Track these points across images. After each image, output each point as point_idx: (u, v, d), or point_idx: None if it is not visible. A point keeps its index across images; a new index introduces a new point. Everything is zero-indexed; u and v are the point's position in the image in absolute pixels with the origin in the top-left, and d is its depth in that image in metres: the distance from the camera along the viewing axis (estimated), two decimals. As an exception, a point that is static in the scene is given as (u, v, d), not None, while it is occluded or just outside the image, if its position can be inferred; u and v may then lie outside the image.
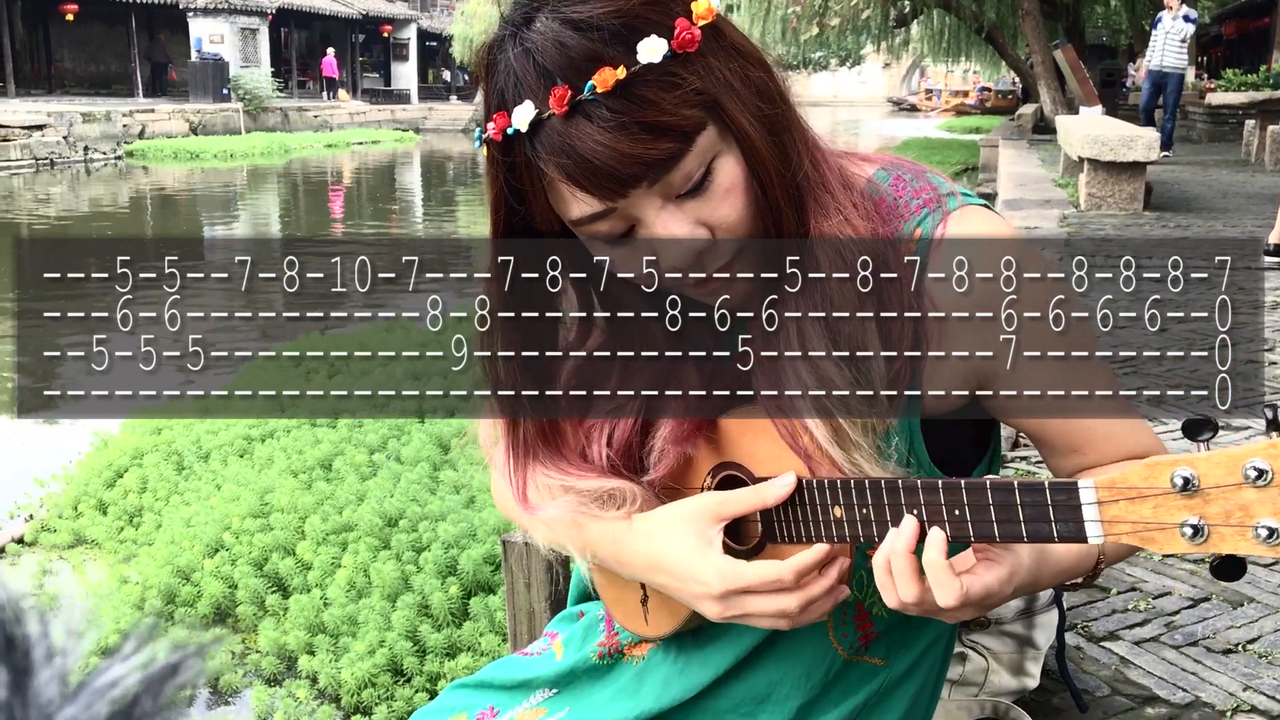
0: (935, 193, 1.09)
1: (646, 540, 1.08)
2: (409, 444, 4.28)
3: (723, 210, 0.99)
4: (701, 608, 1.05)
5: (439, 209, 18.73)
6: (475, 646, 3.17)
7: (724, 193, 0.99)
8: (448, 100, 43.84)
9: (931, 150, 20.25)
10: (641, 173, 0.94)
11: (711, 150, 0.97)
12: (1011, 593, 0.96)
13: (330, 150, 28.27)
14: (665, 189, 0.97)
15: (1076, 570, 1.03)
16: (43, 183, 19.88)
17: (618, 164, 0.93)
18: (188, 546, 3.77)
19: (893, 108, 60.40)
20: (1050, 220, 8.16)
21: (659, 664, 1.22)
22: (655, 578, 1.08)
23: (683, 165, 0.96)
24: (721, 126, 0.97)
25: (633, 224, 0.99)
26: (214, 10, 32.16)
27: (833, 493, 1.00)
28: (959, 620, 0.97)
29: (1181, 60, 14.92)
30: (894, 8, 23.93)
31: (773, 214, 1.01)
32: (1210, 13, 28.73)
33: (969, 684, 1.96)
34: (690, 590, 1.04)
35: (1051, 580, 1.01)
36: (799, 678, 1.17)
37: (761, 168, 1.00)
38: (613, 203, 0.97)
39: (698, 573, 1.03)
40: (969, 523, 0.92)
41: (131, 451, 4.72)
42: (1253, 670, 2.27)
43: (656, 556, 1.07)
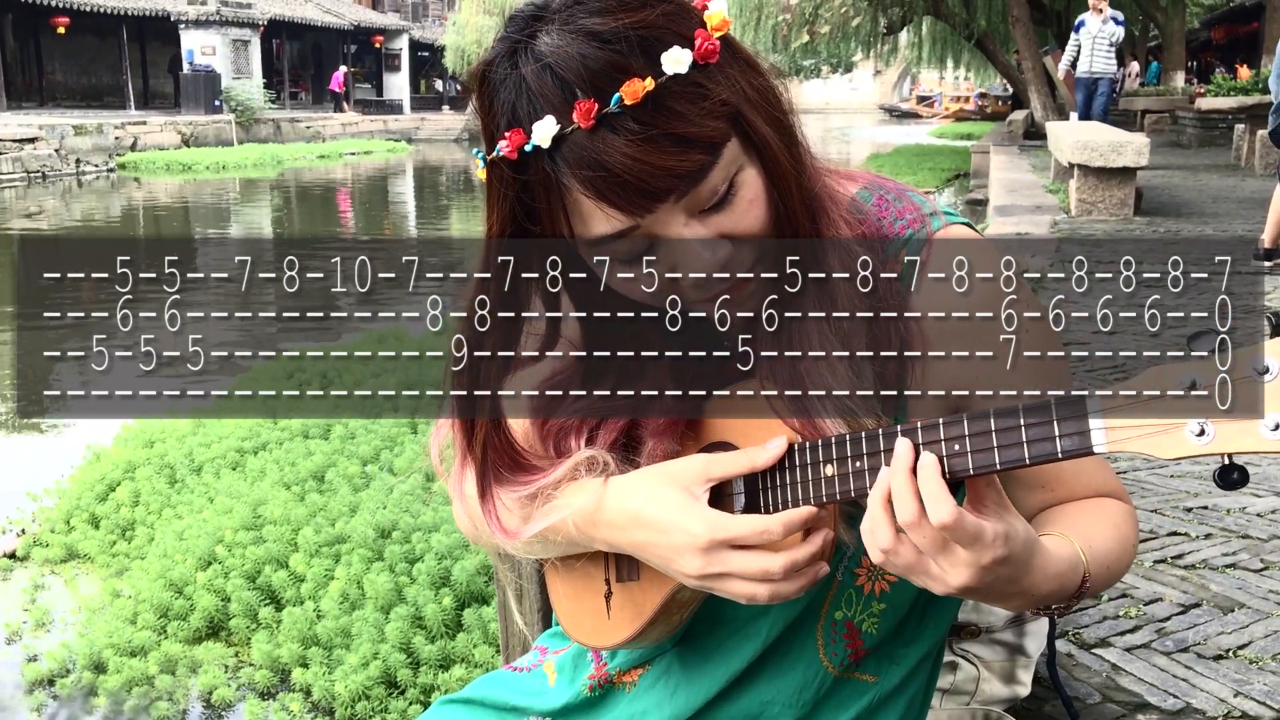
0: (919, 213, 1.10)
1: (627, 495, 1.04)
2: (401, 455, 4.28)
3: (746, 222, 0.98)
4: (683, 562, 1.00)
5: (434, 219, 18.72)
6: (469, 658, 3.16)
7: (747, 204, 0.98)
8: (440, 110, 43.85)
9: (923, 157, 20.31)
10: (671, 185, 0.93)
11: (735, 162, 0.96)
12: (1004, 557, 0.89)
13: (323, 161, 28.27)
14: (691, 203, 0.95)
15: (1066, 576, 0.99)
16: (34, 196, 19.86)
17: (648, 177, 0.91)
18: (180, 560, 3.76)
19: (885, 115, 60.52)
20: (1041, 226, 8.18)
21: (650, 688, 1.21)
22: (634, 534, 1.03)
23: (710, 178, 0.95)
24: (743, 138, 0.97)
25: (652, 241, 0.98)
26: (206, 22, 32.20)
27: (825, 451, 0.98)
28: (949, 592, 0.91)
29: (1111, 64, 14.98)
30: (884, 15, 24.01)
31: (790, 224, 1.00)
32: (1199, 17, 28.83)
33: (960, 693, 1.97)
34: (673, 541, 0.99)
35: (1041, 579, 0.96)
36: (790, 696, 1.16)
37: (781, 179, 0.99)
38: (639, 218, 0.94)
39: (684, 522, 0.99)
40: (969, 454, 0.88)
41: (124, 465, 4.71)
42: (1244, 676, 2.27)
43: (637, 510, 1.02)
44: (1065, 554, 0.99)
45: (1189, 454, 0.81)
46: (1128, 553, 1.09)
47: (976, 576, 0.89)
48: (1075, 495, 1.11)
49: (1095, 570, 1.02)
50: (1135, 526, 1.12)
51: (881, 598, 1.15)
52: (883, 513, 0.90)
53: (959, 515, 0.86)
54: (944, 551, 0.89)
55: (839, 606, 1.14)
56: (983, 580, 0.89)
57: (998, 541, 0.88)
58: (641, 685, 1.22)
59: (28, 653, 3.60)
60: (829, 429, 0.99)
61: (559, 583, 1.20)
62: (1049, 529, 1.03)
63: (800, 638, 1.15)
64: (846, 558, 1.12)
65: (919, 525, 0.88)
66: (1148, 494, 3.24)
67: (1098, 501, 1.12)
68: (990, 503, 0.90)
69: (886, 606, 1.15)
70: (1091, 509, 1.10)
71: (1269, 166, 12.75)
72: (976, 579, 0.89)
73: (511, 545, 1.11)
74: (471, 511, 1.13)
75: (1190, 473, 3.47)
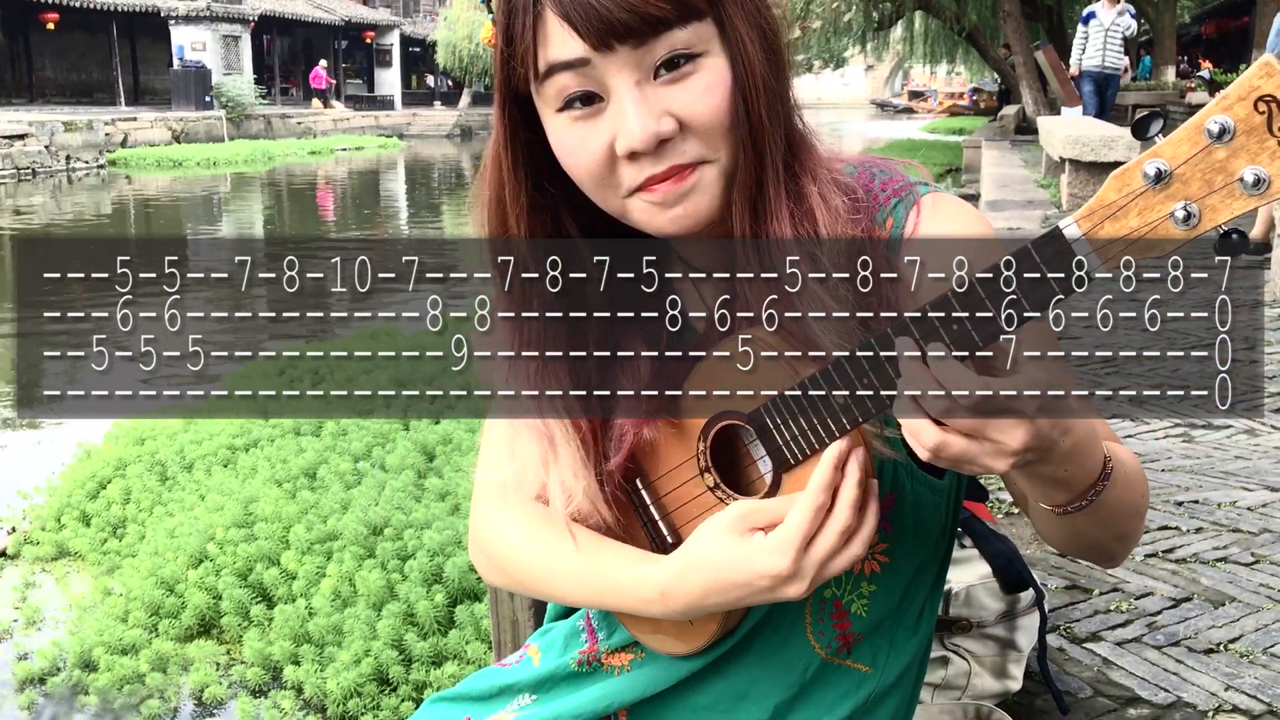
0: (905, 181, 1.10)
1: (689, 573, 1.03)
2: (393, 452, 4.27)
3: (696, 106, 0.97)
4: (785, 593, 0.98)
5: (425, 216, 18.70)
6: (461, 654, 3.16)
7: (703, 89, 0.97)
8: (431, 106, 43.78)
9: (915, 152, 20.33)
10: (632, 23, 0.94)
11: (704, 43, 0.97)
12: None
13: (314, 157, 28.21)
14: (645, 59, 0.96)
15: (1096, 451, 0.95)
16: (24, 192, 19.80)
17: (613, 5, 0.93)
18: (171, 557, 3.76)
19: (877, 110, 60.57)
20: (1033, 221, 8.20)
21: (638, 667, 1.21)
22: (716, 599, 1.03)
23: (671, 36, 0.96)
24: (720, 29, 0.98)
25: (600, 96, 0.98)
26: (196, 18, 32.11)
27: (826, 380, 0.94)
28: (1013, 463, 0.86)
29: (1122, 58, 14.27)
30: (875, 10, 24.02)
31: (753, 133, 0.99)
32: (1190, 12, 28.89)
33: (952, 687, 1.97)
34: (760, 587, 0.99)
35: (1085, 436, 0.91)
36: (777, 675, 1.15)
37: (750, 78, 0.99)
38: (595, 51, 0.96)
39: (755, 565, 0.98)
40: (971, 331, 0.86)
41: (115, 462, 4.70)
42: (1234, 670, 2.28)
43: (707, 582, 1.02)
44: (1091, 430, 0.95)
45: (1181, 240, 0.80)
46: (1141, 484, 1.06)
47: (1030, 434, 0.85)
48: None
49: (1115, 468, 0.98)
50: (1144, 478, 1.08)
51: (872, 578, 1.14)
52: (918, 413, 0.87)
53: (986, 384, 0.83)
54: (989, 425, 0.85)
55: (827, 584, 1.14)
56: (1038, 437, 0.86)
57: (1057, 374, 0.85)
58: (632, 669, 1.22)
59: (18, 651, 3.59)
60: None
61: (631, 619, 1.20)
62: None
63: (789, 616, 1.14)
64: None
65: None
66: (1139, 488, 3.25)
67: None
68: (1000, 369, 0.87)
69: (877, 588, 1.14)
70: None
71: (1259, 161, 12.79)
72: (1031, 436, 0.85)
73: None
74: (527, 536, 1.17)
75: (1181, 467, 3.48)
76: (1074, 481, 0.95)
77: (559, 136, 1.02)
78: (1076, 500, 0.97)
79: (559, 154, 1.03)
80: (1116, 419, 3.85)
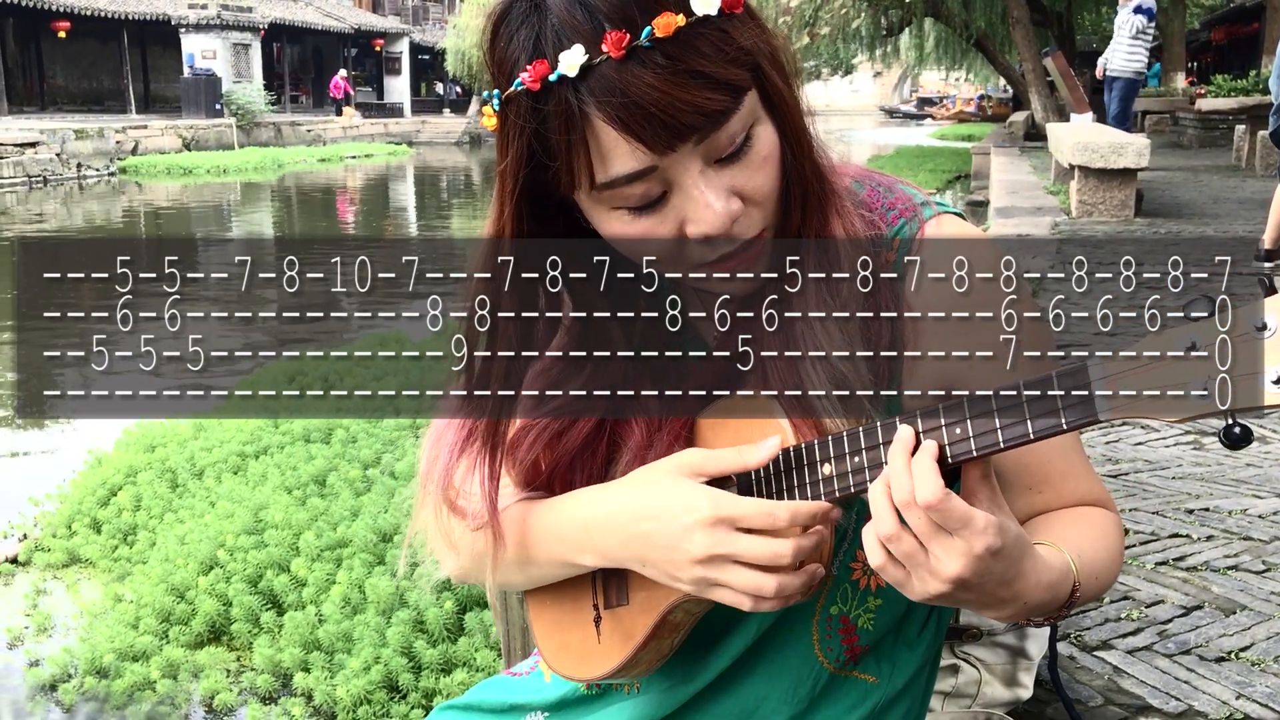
0: (910, 203, 1.10)
1: (627, 490, 1.04)
2: (403, 459, 4.28)
3: (757, 179, 0.98)
4: (689, 543, 0.97)
5: (435, 221, 18.73)
6: (471, 662, 3.16)
7: (761, 160, 0.98)
8: (441, 114, 43.90)
9: (924, 158, 20.33)
10: (696, 123, 0.93)
11: (753, 115, 0.97)
12: (997, 547, 0.88)
13: (324, 164, 28.30)
14: (710, 149, 0.96)
15: (1058, 584, 0.98)
16: (36, 200, 19.88)
17: (675, 112, 0.91)
18: (182, 564, 3.77)
19: (885, 117, 60.55)
20: (1042, 228, 8.18)
21: (645, 685, 1.21)
22: (635, 527, 1.01)
23: (730, 124, 0.95)
24: (761, 92, 0.98)
25: (666, 189, 0.97)
26: (206, 26, 32.26)
27: (822, 450, 0.96)
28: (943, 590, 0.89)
29: (1133, 60, 13.14)
30: (884, 16, 24.03)
31: (800, 188, 1.01)
32: (1199, 18, 28.83)
33: (962, 696, 1.97)
34: (678, 523, 0.98)
35: (1033, 583, 0.94)
36: (786, 691, 1.16)
37: (796, 138, 1.00)
38: (660, 156, 0.94)
39: (689, 500, 0.98)
40: (971, 438, 0.87)
41: (125, 469, 4.71)
42: (1245, 678, 2.27)
43: (638, 502, 1.02)
44: (1056, 562, 0.98)
45: (1192, 414, 0.79)
46: (1116, 563, 1.08)
47: (970, 566, 0.87)
48: (1063, 500, 1.10)
49: (1085, 580, 1.01)
50: (1122, 537, 1.11)
51: (878, 593, 1.14)
52: (885, 499, 0.89)
53: (946, 495, 0.86)
54: (936, 536, 0.87)
55: (834, 601, 1.14)
56: (976, 571, 0.88)
57: (989, 529, 0.87)
58: (643, 690, 1.22)
59: (30, 658, 3.60)
60: (827, 427, 0.99)
61: (544, 614, 1.19)
62: (1038, 538, 1.02)
63: (795, 632, 1.15)
64: (842, 551, 1.12)
65: (912, 507, 0.87)
66: (1149, 496, 3.24)
67: (1085, 511, 1.11)
68: (983, 497, 0.90)
69: (883, 602, 1.15)
70: (1079, 519, 1.09)
71: (1269, 167, 12.76)
72: (970, 569, 0.87)
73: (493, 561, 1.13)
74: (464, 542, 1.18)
75: (1192, 475, 3.47)
76: (1032, 609, 0.97)
77: (618, 231, 1.00)
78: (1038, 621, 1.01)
79: (615, 243, 1.01)
80: (1125, 427, 3.84)
